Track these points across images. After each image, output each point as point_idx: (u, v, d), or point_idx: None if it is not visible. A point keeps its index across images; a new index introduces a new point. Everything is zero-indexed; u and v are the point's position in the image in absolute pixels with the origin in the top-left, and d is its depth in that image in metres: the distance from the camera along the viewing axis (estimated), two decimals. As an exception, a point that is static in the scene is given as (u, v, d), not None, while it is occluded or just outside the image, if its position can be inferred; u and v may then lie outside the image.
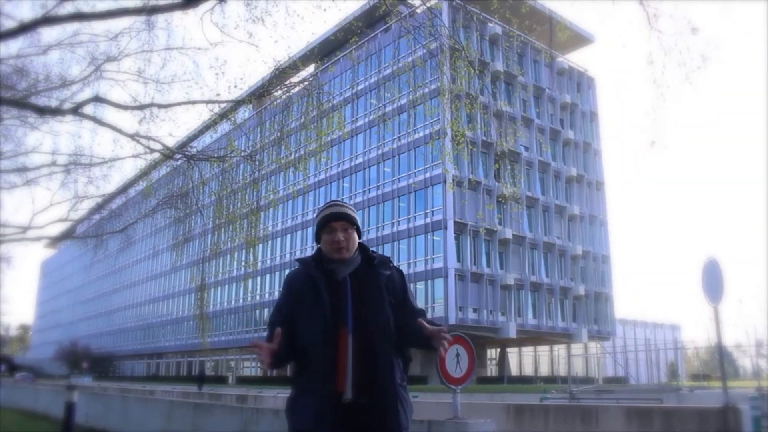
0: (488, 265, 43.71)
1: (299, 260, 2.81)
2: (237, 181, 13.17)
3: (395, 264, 2.91)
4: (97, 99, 11.68)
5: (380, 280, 2.69)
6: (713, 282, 8.72)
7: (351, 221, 2.79)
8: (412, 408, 2.68)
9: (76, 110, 11.47)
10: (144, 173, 16.15)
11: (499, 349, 50.84)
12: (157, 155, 12.90)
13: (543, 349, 54.06)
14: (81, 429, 12.07)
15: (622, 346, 54.52)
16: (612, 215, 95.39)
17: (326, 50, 34.79)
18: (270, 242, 54.10)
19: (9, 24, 10.37)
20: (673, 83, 7.24)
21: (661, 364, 49.31)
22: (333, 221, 2.77)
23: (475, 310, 42.28)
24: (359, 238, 2.83)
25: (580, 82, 54.95)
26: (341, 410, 2.51)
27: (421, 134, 42.07)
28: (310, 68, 13.81)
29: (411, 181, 44.23)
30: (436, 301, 41.82)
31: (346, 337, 2.56)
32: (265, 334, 2.66)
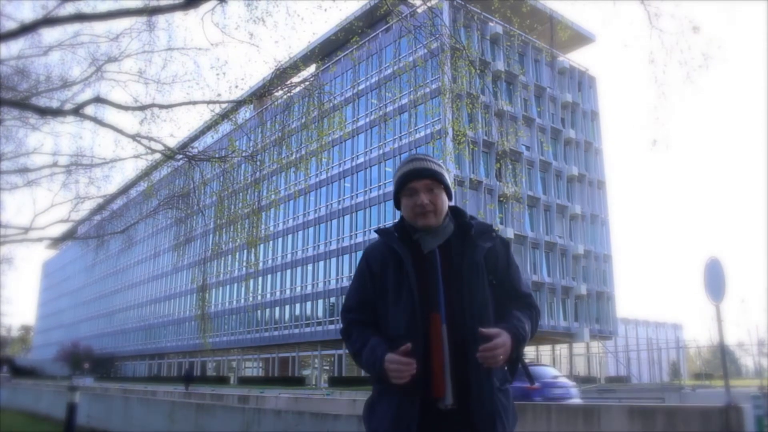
0: (490, 265, 43.60)
1: (379, 230, 2.28)
2: (238, 182, 13.18)
3: None
4: (98, 100, 11.70)
5: (477, 255, 2.13)
6: (715, 281, 8.72)
7: (437, 178, 2.22)
8: (516, 417, 2.17)
9: (77, 111, 11.47)
10: (145, 174, 16.16)
11: (500, 349, 50.75)
12: (158, 156, 12.91)
13: (545, 349, 54.01)
14: (83, 430, 12.08)
15: (624, 345, 54.54)
16: (613, 214, 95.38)
17: (327, 50, 34.77)
18: (271, 242, 54.07)
19: (10, 25, 10.39)
20: (675, 82, 7.23)
21: (663, 364, 49.34)
22: (413, 180, 2.21)
23: (476, 310, 42.17)
24: (450, 199, 2.26)
25: (581, 82, 54.91)
26: (429, 419, 2.04)
27: (422, 134, 42.07)
28: (311, 68, 13.81)
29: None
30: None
31: (439, 326, 2.07)
32: (266, 334, 2.43)
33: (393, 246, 2.18)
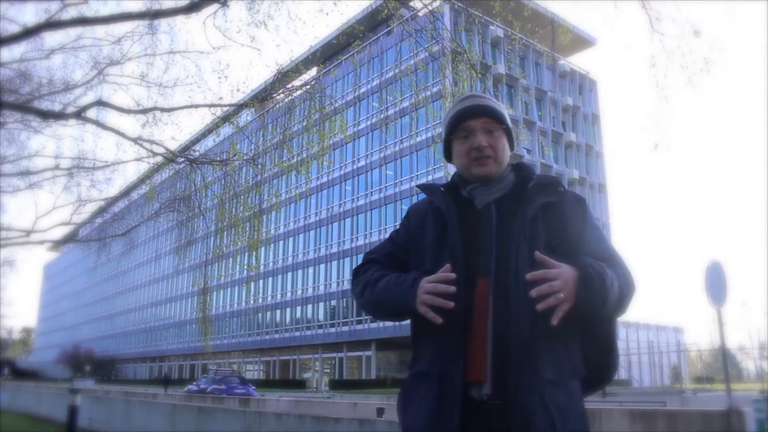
0: (491, 268, 43.58)
1: (422, 185, 1.87)
2: (239, 185, 13.20)
3: None
4: (100, 103, 11.73)
5: (529, 211, 1.70)
6: (716, 284, 8.71)
7: (498, 118, 1.84)
8: (584, 421, 1.63)
9: (79, 114, 11.50)
10: (146, 177, 16.20)
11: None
12: (159, 159, 12.93)
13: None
14: (84, 432, 12.07)
15: (625, 348, 54.39)
16: (614, 218, 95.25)
17: (328, 54, 34.83)
18: (273, 245, 54.06)
19: (13, 28, 10.41)
20: (676, 86, 7.25)
21: (665, 367, 49.26)
22: (469, 118, 1.83)
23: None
24: (512, 148, 1.87)
25: (582, 85, 54.93)
26: (470, 410, 1.60)
27: (424, 137, 42.09)
28: (313, 71, 13.81)
29: (413, 184, 44.20)
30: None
31: (486, 295, 1.64)
32: (267, 337, 2.15)
33: (437, 202, 1.80)
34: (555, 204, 1.74)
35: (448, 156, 1.91)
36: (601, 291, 1.59)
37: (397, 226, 1.95)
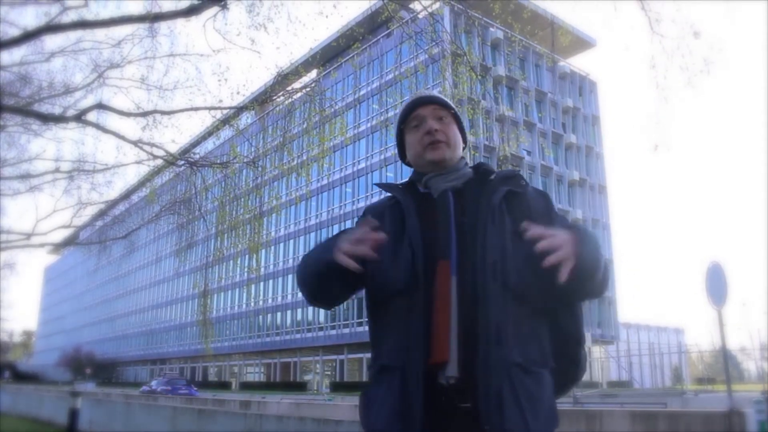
0: (491, 270, 43.59)
1: (381, 184, 1.89)
2: (240, 187, 13.21)
3: None
4: (101, 106, 11.74)
5: (496, 197, 1.69)
6: (717, 285, 8.70)
7: (446, 105, 1.89)
8: (554, 416, 1.61)
9: (79, 117, 11.51)
10: (147, 179, 16.22)
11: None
12: (159, 162, 12.96)
13: (547, 354, 53.97)
14: (85, 435, 12.07)
15: (626, 350, 54.37)
16: (615, 219, 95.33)
17: (328, 56, 34.73)
18: (273, 248, 54.08)
19: (13, 32, 10.43)
20: (676, 87, 7.26)
21: (665, 368, 49.25)
22: (418, 107, 1.87)
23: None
24: (464, 141, 1.90)
25: (582, 86, 54.97)
26: (436, 398, 1.53)
27: (424, 139, 42.09)
28: (313, 74, 13.82)
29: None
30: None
31: (447, 275, 1.60)
32: (267, 339, 2.15)
33: (396, 196, 1.78)
34: (518, 194, 1.74)
35: (402, 155, 1.93)
36: (597, 252, 1.61)
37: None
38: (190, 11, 8.63)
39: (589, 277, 1.60)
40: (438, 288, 1.59)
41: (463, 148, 1.90)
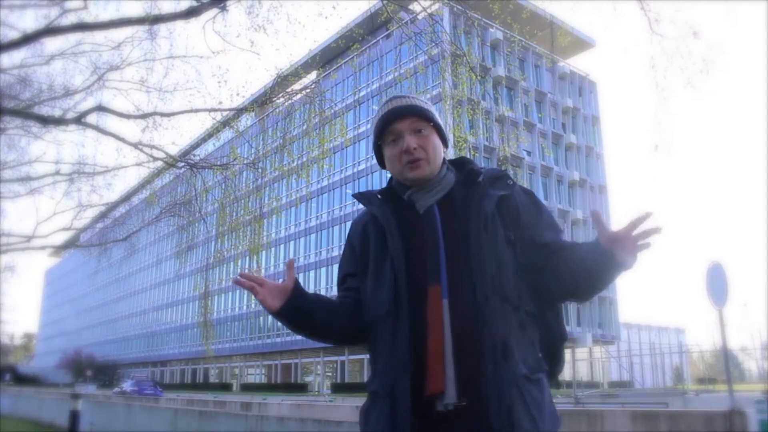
0: (492, 270, 43.56)
1: (357, 195, 1.80)
2: (240, 189, 13.21)
3: None
4: (100, 108, 11.74)
5: (487, 205, 1.63)
6: (717, 285, 8.70)
7: (424, 116, 1.74)
8: (556, 417, 1.63)
9: (79, 120, 11.51)
10: (147, 181, 16.22)
11: (503, 355, 50.66)
12: (159, 163, 12.96)
13: (547, 354, 53.91)
14: (86, 438, 12.07)
15: (627, 350, 54.34)
16: (615, 219, 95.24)
17: (328, 57, 34.80)
18: (273, 249, 54.08)
19: (12, 34, 10.44)
20: (676, 87, 7.27)
21: (666, 368, 49.14)
22: (394, 121, 1.73)
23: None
24: (445, 146, 1.79)
25: (582, 87, 54.98)
26: (431, 425, 1.52)
27: (424, 140, 42.08)
28: (312, 75, 13.83)
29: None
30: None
31: (438, 301, 1.56)
32: (268, 341, 2.18)
33: (374, 211, 1.72)
34: (507, 197, 1.69)
35: (382, 162, 1.81)
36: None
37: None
38: (189, 13, 8.63)
39: (620, 273, 1.68)
40: (429, 316, 1.56)
41: (445, 150, 1.81)
